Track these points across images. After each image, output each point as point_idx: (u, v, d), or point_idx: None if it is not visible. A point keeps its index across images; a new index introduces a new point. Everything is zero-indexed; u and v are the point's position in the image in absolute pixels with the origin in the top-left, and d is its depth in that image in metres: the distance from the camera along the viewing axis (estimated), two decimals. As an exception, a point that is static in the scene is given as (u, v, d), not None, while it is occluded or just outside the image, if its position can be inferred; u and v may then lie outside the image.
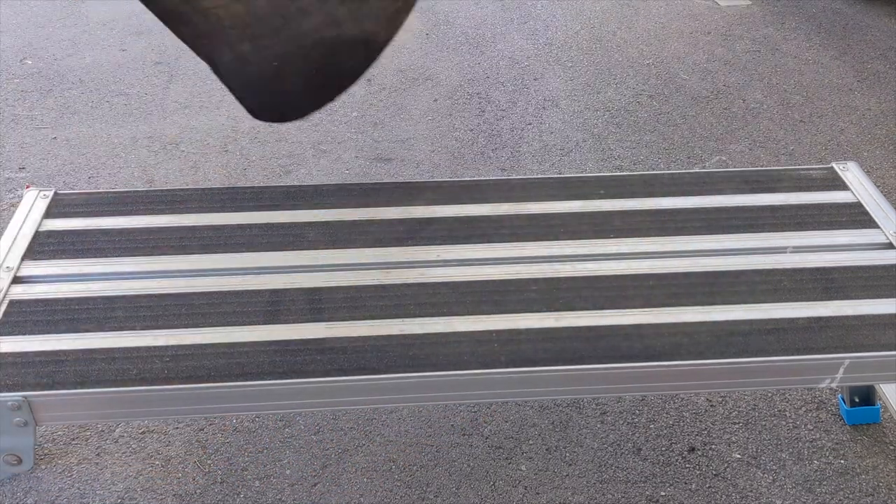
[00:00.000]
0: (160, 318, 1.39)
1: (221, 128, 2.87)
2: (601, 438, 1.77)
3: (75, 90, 3.11)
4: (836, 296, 1.43)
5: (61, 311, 1.39)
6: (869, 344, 1.34)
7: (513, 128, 2.90)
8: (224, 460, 1.71)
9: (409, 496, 1.65)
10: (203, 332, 1.36)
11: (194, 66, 3.22)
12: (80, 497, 1.63)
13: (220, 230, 1.59)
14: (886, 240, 1.57)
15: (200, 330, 1.37)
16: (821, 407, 1.84)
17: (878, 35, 3.57)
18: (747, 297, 1.43)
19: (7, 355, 1.30)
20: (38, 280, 1.47)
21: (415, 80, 3.21)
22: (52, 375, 1.27)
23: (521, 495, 1.65)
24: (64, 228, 1.58)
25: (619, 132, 2.88)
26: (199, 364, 1.31)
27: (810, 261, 1.52)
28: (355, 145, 2.79)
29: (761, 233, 1.58)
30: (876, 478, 1.68)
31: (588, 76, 3.25)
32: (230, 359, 1.32)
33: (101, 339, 1.33)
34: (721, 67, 3.31)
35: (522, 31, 3.63)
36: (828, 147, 2.81)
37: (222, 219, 1.62)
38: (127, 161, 2.70)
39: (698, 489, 1.66)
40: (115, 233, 1.57)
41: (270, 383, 1.28)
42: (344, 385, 1.29)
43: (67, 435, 1.76)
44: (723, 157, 2.75)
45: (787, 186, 1.71)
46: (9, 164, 2.67)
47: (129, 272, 1.48)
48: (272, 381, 1.28)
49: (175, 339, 1.34)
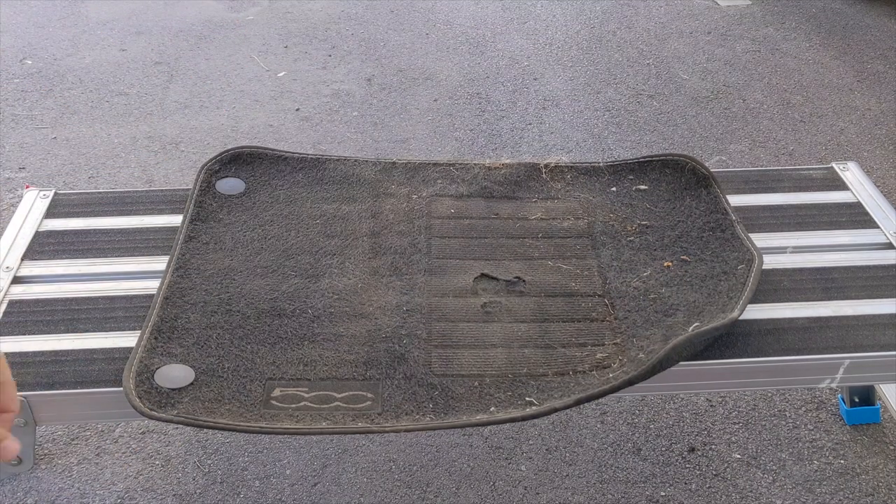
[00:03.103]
0: (160, 318, 1.39)
1: (221, 128, 2.87)
2: (601, 438, 1.77)
3: (75, 90, 3.11)
4: (836, 296, 1.43)
5: (61, 311, 1.39)
6: (869, 344, 1.34)
7: (513, 128, 2.90)
8: (224, 460, 1.71)
9: (409, 496, 1.65)
10: (203, 332, 1.36)
11: (194, 66, 3.22)
12: (80, 497, 1.63)
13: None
14: (886, 240, 1.57)
15: (200, 330, 1.37)
16: (821, 407, 1.84)
17: (878, 35, 3.57)
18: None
19: (7, 355, 1.30)
20: (38, 280, 1.47)
21: (415, 80, 3.21)
22: (52, 375, 1.27)
23: (521, 495, 1.65)
24: (64, 228, 1.58)
25: (619, 132, 2.87)
26: (199, 364, 1.31)
27: (810, 261, 1.52)
28: (355, 145, 2.79)
29: (761, 233, 1.58)
30: (876, 478, 1.68)
31: (588, 76, 3.25)
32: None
33: (101, 339, 1.33)
34: (721, 67, 3.31)
35: (522, 31, 3.62)
36: (828, 147, 2.80)
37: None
38: (127, 161, 2.70)
39: (698, 489, 1.66)
40: (115, 233, 1.57)
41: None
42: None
43: (67, 435, 1.76)
44: (723, 157, 2.75)
45: (787, 186, 1.71)
46: (9, 164, 2.67)
47: (129, 272, 1.48)
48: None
49: (175, 339, 1.34)
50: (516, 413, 1.19)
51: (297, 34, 3.54)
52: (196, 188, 1.60)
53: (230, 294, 1.38)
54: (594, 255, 1.49)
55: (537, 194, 1.65)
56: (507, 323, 1.36)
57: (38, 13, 3.70)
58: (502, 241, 1.53)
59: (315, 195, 1.61)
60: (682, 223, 1.55)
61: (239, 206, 1.58)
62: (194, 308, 1.35)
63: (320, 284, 1.41)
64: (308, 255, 1.47)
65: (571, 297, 1.41)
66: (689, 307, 1.36)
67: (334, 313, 1.36)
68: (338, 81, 3.17)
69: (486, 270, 1.46)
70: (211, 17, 3.67)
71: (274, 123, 2.86)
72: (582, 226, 1.56)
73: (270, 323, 1.33)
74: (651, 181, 1.66)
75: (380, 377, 1.25)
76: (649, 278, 1.43)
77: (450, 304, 1.39)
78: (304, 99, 3.02)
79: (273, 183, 1.64)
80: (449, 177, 1.68)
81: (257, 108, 2.94)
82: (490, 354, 1.30)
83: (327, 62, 3.32)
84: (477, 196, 1.64)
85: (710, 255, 1.47)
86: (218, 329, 1.32)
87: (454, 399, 1.22)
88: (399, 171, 1.69)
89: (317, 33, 3.56)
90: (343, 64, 3.31)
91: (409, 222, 1.56)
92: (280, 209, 1.58)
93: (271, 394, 1.22)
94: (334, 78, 3.19)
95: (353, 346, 1.30)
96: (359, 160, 1.70)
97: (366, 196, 1.62)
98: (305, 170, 1.67)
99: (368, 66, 3.30)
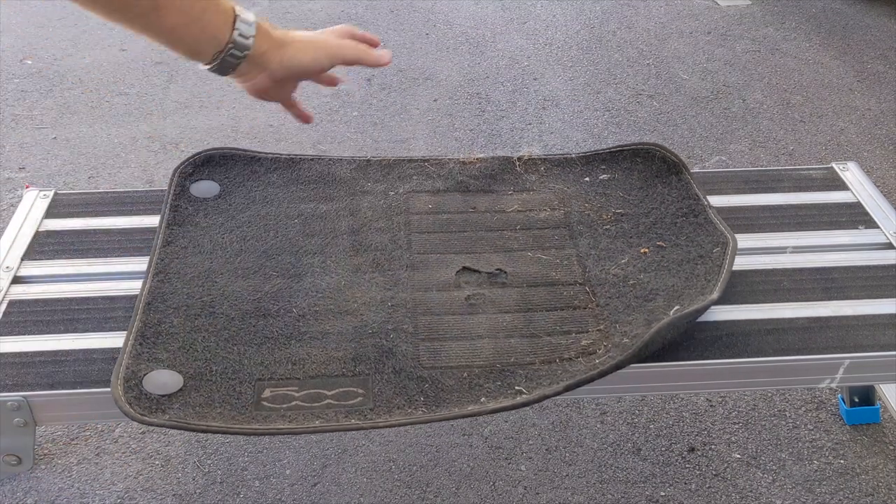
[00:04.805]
0: (160, 318, 1.39)
1: (221, 128, 2.87)
2: (601, 438, 1.77)
3: (75, 90, 3.11)
4: (836, 296, 1.43)
5: (61, 311, 1.39)
6: (869, 344, 1.33)
7: (513, 128, 2.90)
8: (224, 460, 1.71)
9: (409, 496, 1.65)
10: (203, 332, 1.36)
11: (194, 65, 3.21)
12: (79, 497, 1.63)
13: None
14: (886, 240, 1.57)
15: (200, 330, 1.37)
16: (821, 407, 1.84)
17: (878, 35, 3.57)
18: (747, 297, 1.43)
19: (7, 355, 1.30)
20: (38, 280, 1.47)
21: (415, 80, 3.21)
22: (52, 375, 1.27)
23: (521, 495, 1.65)
24: (64, 228, 1.58)
25: (619, 132, 2.87)
26: (199, 364, 1.31)
27: (810, 261, 1.52)
28: (355, 145, 2.79)
29: (761, 233, 1.58)
30: (876, 478, 1.68)
31: (588, 76, 3.25)
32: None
33: (102, 339, 1.33)
34: (721, 67, 3.31)
35: (522, 31, 3.62)
36: (828, 147, 2.81)
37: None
38: (127, 161, 2.70)
39: (698, 489, 1.66)
40: (115, 233, 1.57)
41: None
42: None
43: (67, 435, 1.76)
44: (723, 157, 2.75)
45: (787, 186, 1.71)
46: (9, 164, 2.67)
47: (129, 272, 1.47)
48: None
49: (175, 339, 1.34)
50: (507, 402, 1.20)
51: (297, 34, 3.54)
52: (171, 192, 1.60)
53: (212, 297, 1.38)
54: (572, 244, 1.51)
55: (513, 187, 1.66)
56: (492, 314, 1.37)
57: (38, 13, 3.69)
58: (481, 234, 1.54)
59: (291, 195, 1.61)
60: (655, 210, 1.57)
61: (215, 209, 1.58)
62: (177, 312, 1.35)
63: (303, 284, 1.42)
64: (289, 255, 1.48)
65: (553, 286, 1.43)
66: (668, 291, 1.38)
67: (319, 311, 1.36)
68: (338, 81, 3.17)
69: (467, 264, 1.47)
70: (211, 17, 3.67)
71: (274, 123, 2.86)
72: (559, 216, 1.57)
73: (255, 323, 1.33)
74: (623, 170, 1.68)
75: (369, 372, 1.26)
76: (627, 265, 1.45)
77: (434, 298, 1.40)
78: (304, 99, 3.00)
79: (248, 184, 1.64)
80: (424, 173, 1.69)
81: (257, 108, 2.94)
82: (477, 345, 1.31)
83: (327, 62, 3.31)
84: (453, 191, 1.65)
85: (685, 239, 1.49)
86: (203, 332, 1.31)
87: (444, 391, 1.22)
88: (374, 168, 1.70)
89: (317, 33, 3.56)
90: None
91: (387, 219, 1.57)
92: (257, 210, 1.58)
93: (262, 395, 1.22)
94: (334, 78, 3.19)
95: (340, 343, 1.30)
96: (333, 159, 1.70)
97: (343, 194, 1.62)
98: (280, 170, 1.67)
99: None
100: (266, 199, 1.60)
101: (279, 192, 1.62)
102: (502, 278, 1.45)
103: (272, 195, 1.61)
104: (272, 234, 1.52)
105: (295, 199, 1.61)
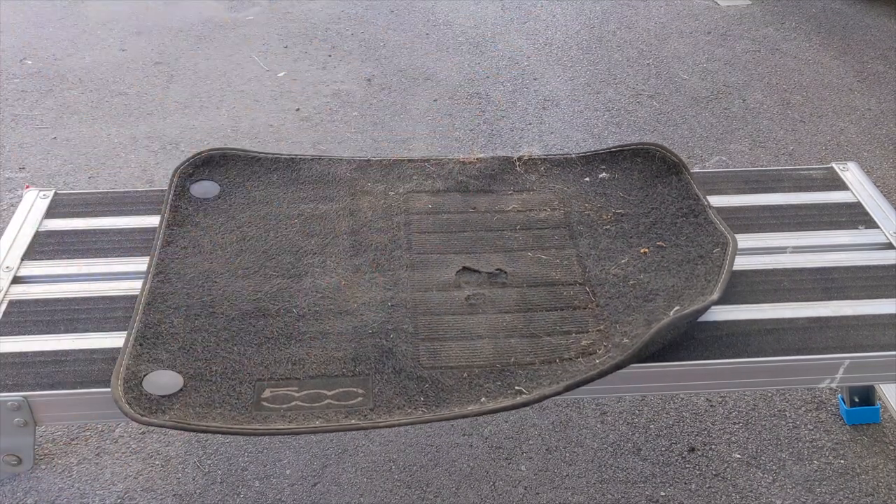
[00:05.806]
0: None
1: (221, 128, 2.87)
2: (601, 438, 1.77)
3: (75, 90, 3.11)
4: (836, 296, 1.43)
5: (61, 311, 1.39)
6: (869, 344, 1.34)
7: (513, 128, 2.90)
8: (224, 460, 1.71)
9: (409, 496, 1.65)
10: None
11: (194, 66, 3.22)
12: (79, 497, 1.63)
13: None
14: (886, 240, 1.57)
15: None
16: (821, 407, 1.84)
17: (878, 35, 3.57)
18: (747, 297, 1.43)
19: (7, 355, 1.30)
20: (38, 280, 1.47)
21: (415, 80, 3.21)
22: (52, 375, 1.27)
23: (521, 495, 1.65)
24: (64, 228, 1.58)
25: (619, 132, 2.87)
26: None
27: (810, 261, 1.52)
28: (355, 145, 2.79)
29: (761, 233, 1.58)
30: (876, 478, 1.68)
31: (588, 76, 3.25)
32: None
33: (102, 340, 1.33)
34: (721, 67, 3.31)
35: (522, 31, 3.62)
36: (828, 147, 2.80)
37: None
38: (127, 161, 2.70)
39: (698, 489, 1.66)
40: (115, 233, 1.57)
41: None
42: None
43: (67, 435, 1.76)
44: (723, 157, 2.75)
45: (787, 186, 1.71)
46: (9, 164, 2.67)
47: (129, 272, 1.48)
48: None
49: (175, 339, 1.34)
50: (507, 402, 1.20)
51: (296, 34, 3.54)
52: (171, 192, 1.60)
53: (213, 297, 1.38)
54: (572, 244, 1.52)
55: (512, 187, 1.66)
56: (492, 314, 1.37)
57: (38, 13, 3.70)
58: (481, 234, 1.54)
59: (291, 195, 1.62)
60: (655, 210, 1.57)
61: (215, 209, 1.58)
62: (177, 312, 1.35)
63: (303, 284, 1.42)
64: (289, 255, 1.48)
65: (553, 286, 1.43)
66: (668, 292, 1.38)
67: (319, 311, 1.36)
68: (338, 81, 3.17)
69: (467, 264, 1.47)
70: (211, 17, 3.67)
71: (274, 123, 2.86)
72: (558, 216, 1.58)
73: (255, 324, 1.33)
74: (623, 170, 1.68)
75: (369, 372, 1.26)
76: (627, 265, 1.46)
77: (434, 298, 1.40)
78: (304, 99, 3.02)
79: (248, 185, 1.64)
80: (424, 173, 1.69)
81: (257, 108, 2.94)
82: (477, 346, 1.31)
83: (327, 62, 3.32)
84: (453, 191, 1.65)
85: (685, 240, 1.49)
86: (203, 332, 1.31)
87: (445, 391, 1.23)
88: (374, 168, 1.70)
89: (317, 33, 3.56)
90: (343, 64, 3.31)
91: (387, 219, 1.57)
92: (257, 210, 1.58)
93: (262, 395, 1.22)
94: (334, 78, 3.19)
95: (340, 343, 1.30)
96: (333, 159, 1.70)
97: (343, 195, 1.62)
98: (280, 170, 1.67)
99: (368, 66, 3.30)
100: (266, 200, 1.61)
101: (279, 193, 1.62)
102: (502, 278, 1.45)
103: (272, 195, 1.61)
104: (272, 234, 1.52)
105: (295, 200, 1.61)
